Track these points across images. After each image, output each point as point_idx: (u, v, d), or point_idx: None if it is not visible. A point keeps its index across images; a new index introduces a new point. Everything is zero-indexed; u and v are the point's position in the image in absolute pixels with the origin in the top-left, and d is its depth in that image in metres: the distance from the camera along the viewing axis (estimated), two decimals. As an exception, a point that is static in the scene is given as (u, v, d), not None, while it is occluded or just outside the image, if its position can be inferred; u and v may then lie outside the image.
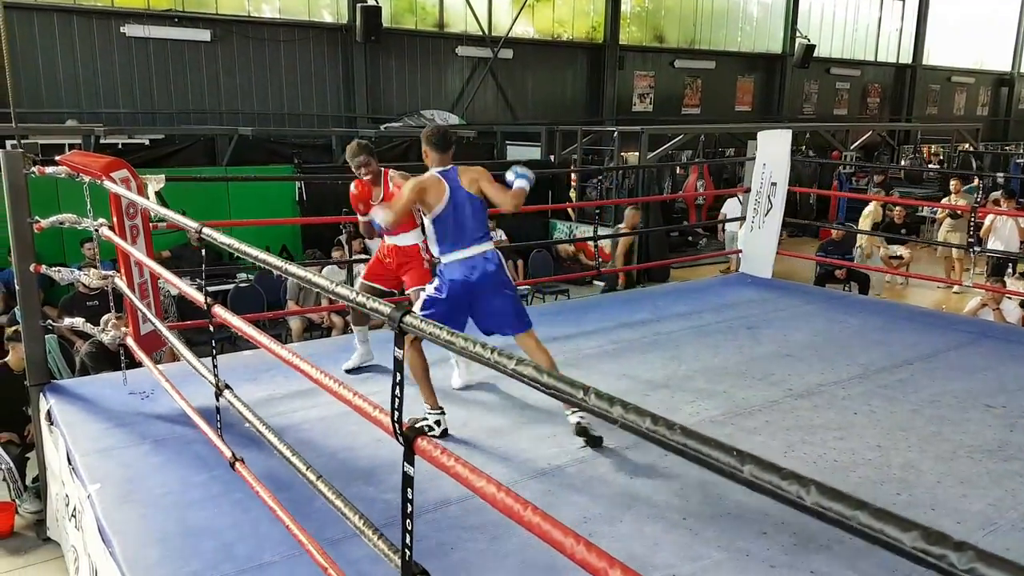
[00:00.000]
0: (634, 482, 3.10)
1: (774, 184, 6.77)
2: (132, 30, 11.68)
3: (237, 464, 2.44)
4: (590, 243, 11.23)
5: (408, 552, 1.44)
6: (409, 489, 1.41)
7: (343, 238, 8.46)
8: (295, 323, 7.18)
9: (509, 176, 3.47)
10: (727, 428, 3.63)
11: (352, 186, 4.22)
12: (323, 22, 13.47)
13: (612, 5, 16.88)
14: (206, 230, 2.17)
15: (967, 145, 17.20)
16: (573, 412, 3.32)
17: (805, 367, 4.52)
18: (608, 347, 5.01)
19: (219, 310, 2.24)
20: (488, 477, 1.24)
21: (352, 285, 4.82)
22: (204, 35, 12.23)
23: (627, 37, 17.69)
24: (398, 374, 1.39)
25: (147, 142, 10.51)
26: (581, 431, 3.31)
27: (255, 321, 3.80)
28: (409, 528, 1.42)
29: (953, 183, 11.04)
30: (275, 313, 6.71)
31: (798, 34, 20.12)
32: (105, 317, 4.05)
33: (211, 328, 2.34)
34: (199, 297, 2.37)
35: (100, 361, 5.28)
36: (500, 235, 10.55)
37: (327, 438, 3.42)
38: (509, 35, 15.55)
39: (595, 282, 10.26)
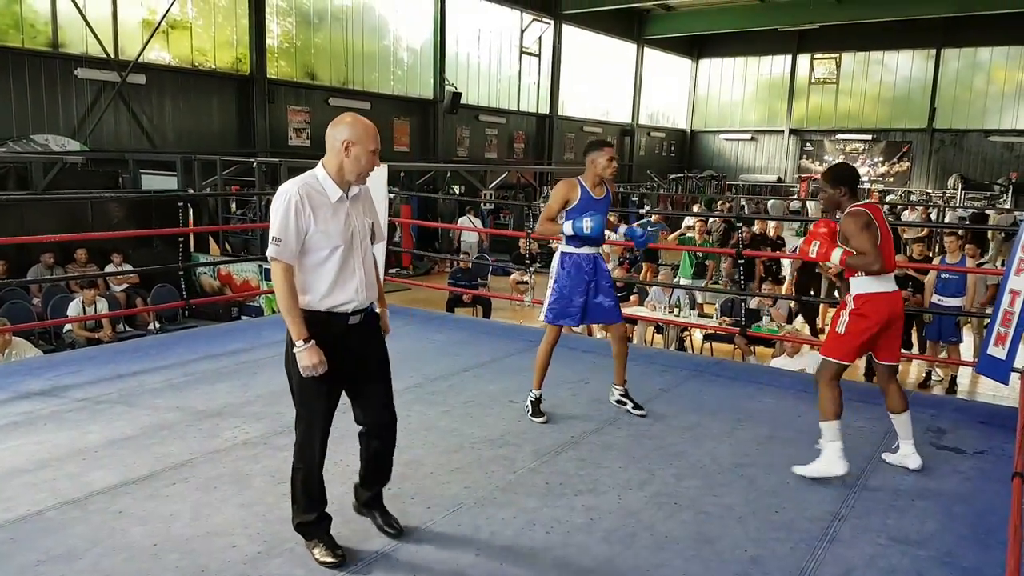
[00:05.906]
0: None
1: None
2: None
3: None
4: (235, 275, 10.74)
5: None
6: None
7: None
8: None
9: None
10: (258, 448, 3.60)
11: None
12: None
13: (256, 38, 16.55)
14: None
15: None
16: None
17: (368, 382, 4.66)
18: (178, 380, 4.74)
19: None
20: None
21: None
22: None
23: (276, 71, 17.45)
24: None
25: None
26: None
27: None
28: None
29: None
30: None
31: (446, 82, 21.53)
32: None
33: None
34: None
35: None
36: (128, 267, 9.62)
37: None
38: (142, 60, 14.45)
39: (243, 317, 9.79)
